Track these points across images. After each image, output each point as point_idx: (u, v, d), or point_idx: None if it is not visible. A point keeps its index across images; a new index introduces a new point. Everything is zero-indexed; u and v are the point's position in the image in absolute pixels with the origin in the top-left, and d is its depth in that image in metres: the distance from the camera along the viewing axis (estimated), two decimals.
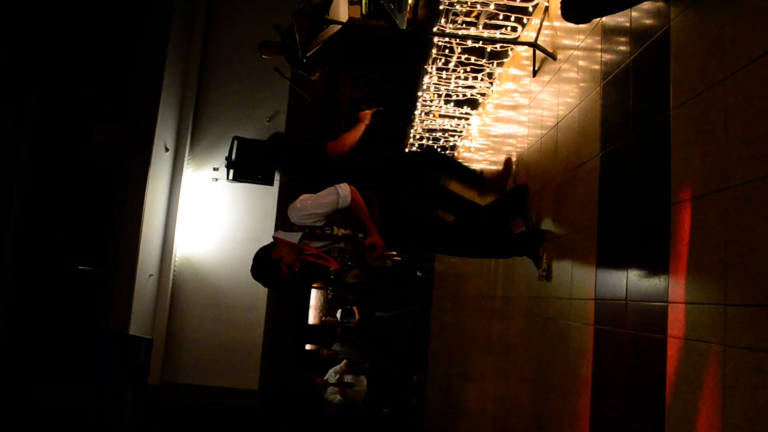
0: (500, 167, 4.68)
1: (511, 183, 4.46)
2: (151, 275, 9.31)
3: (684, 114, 2.15)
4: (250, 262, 3.51)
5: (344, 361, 9.10)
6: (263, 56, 7.23)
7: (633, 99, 2.57)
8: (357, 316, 10.22)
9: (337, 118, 19.39)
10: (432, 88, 5.32)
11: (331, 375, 9.14)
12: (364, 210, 3.32)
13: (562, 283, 3.28)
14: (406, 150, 5.34)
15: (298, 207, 3.31)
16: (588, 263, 2.89)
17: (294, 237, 3.33)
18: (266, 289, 9.94)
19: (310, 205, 3.30)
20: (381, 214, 3.44)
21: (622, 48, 2.73)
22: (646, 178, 2.39)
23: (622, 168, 2.61)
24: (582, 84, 3.23)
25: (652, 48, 2.45)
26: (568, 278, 3.19)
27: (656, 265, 2.24)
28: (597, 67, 3.02)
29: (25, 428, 8.49)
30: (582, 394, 2.84)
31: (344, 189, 3.30)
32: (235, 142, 9.62)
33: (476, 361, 5.61)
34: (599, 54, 3.01)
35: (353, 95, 19.58)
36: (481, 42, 4.34)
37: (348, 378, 9.04)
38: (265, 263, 3.41)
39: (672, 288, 2.12)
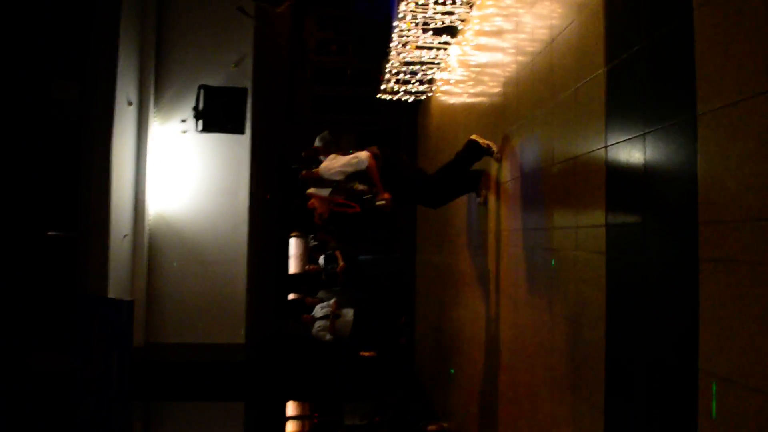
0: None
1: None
2: (125, 235, 9.01)
3: (711, 11, 1.91)
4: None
5: (333, 300, 8.97)
6: None
7: (645, 1, 2.32)
8: (341, 262, 10.04)
9: (304, 60, 18.81)
10: (409, 17, 5.00)
11: (318, 311, 9.02)
12: (375, 173, 4.36)
13: (566, 212, 3.09)
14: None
15: (328, 166, 4.43)
16: (596, 189, 2.69)
17: (325, 191, 4.54)
18: (246, 241, 9.73)
19: (338, 165, 4.41)
20: (384, 170, 4.42)
21: None
22: (665, 87, 2.17)
23: (635, 80, 2.38)
24: None
25: None
26: (572, 206, 3.00)
27: (681, 186, 2.04)
28: None
29: (13, 399, 8.30)
30: (595, 327, 2.68)
31: (363, 155, 4.39)
32: (202, 91, 9.22)
33: (470, 298, 5.48)
34: None
35: (320, 35, 18.91)
36: None
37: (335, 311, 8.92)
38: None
39: (702, 208, 1.92)
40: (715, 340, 1.85)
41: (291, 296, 15.12)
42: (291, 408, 9.32)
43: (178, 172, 9.68)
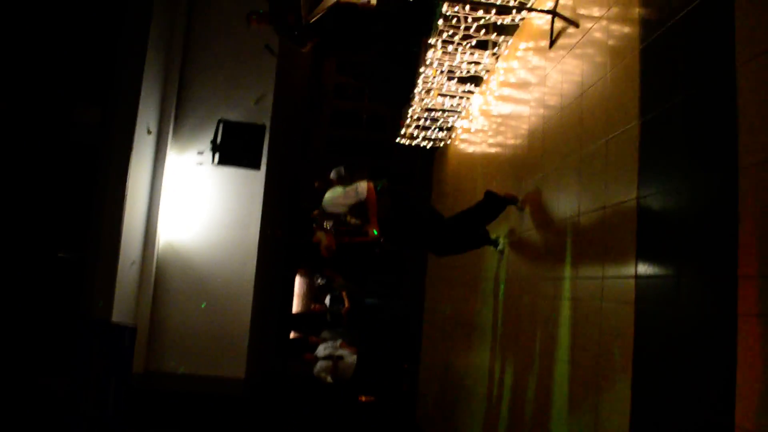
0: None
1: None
2: (133, 262, 8.98)
3: (754, 68, 1.94)
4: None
5: (340, 341, 8.92)
6: (251, 25, 6.75)
7: (684, 57, 2.35)
8: (347, 303, 9.98)
9: (322, 102, 19.04)
10: (435, 64, 5.07)
11: (321, 350, 8.95)
12: (372, 205, 4.39)
13: (592, 262, 3.07)
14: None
15: (330, 198, 4.52)
16: (626, 239, 2.68)
17: (328, 225, 4.55)
18: (253, 276, 9.68)
19: (339, 196, 4.50)
20: (392, 205, 4.46)
21: (667, 4, 2.51)
22: (705, 139, 2.18)
23: (672, 132, 2.39)
24: (612, 50, 3.01)
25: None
26: (600, 255, 2.98)
27: (720, 239, 2.03)
28: (633, 28, 2.80)
29: (8, 420, 8.17)
30: (621, 380, 2.63)
31: (363, 186, 4.45)
32: (221, 125, 9.31)
33: (481, 347, 5.40)
34: (636, 12, 2.79)
35: (339, 80, 19.20)
36: (494, 11, 4.11)
37: (339, 352, 8.87)
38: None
39: (743, 261, 1.91)
40: (754, 398, 1.82)
41: (293, 335, 14.97)
42: None
43: (192, 203, 9.70)
